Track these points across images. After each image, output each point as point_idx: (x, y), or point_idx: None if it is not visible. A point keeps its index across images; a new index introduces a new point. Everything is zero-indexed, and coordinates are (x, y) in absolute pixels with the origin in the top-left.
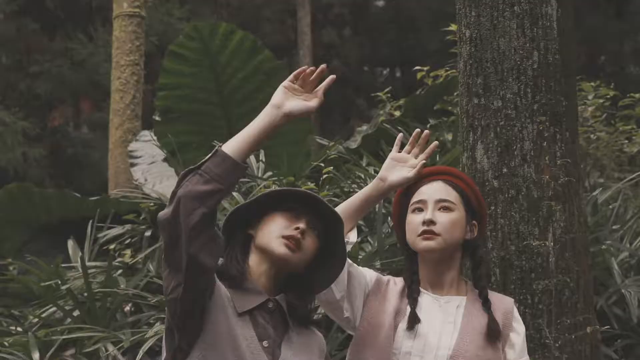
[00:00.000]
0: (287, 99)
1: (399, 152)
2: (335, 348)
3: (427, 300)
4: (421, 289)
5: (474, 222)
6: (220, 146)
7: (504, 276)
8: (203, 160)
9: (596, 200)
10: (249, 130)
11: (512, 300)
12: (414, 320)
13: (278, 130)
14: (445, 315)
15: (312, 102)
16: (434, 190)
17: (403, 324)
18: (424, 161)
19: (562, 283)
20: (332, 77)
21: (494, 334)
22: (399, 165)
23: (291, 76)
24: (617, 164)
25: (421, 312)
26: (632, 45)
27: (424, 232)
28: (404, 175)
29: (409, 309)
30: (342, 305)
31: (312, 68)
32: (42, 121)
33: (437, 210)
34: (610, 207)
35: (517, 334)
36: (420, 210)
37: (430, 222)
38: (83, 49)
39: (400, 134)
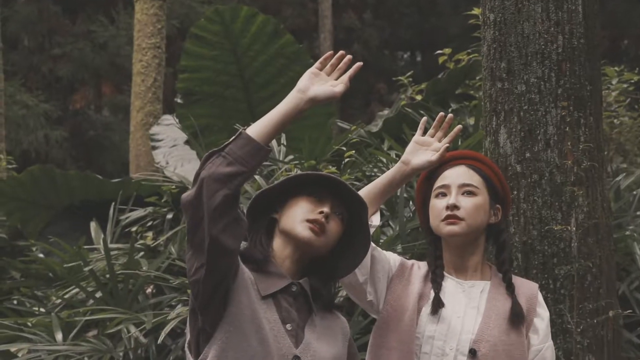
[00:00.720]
0: (312, 84)
1: (423, 135)
2: (357, 332)
3: (451, 285)
4: (445, 274)
5: (497, 206)
6: (245, 129)
7: (526, 261)
8: (227, 142)
9: (619, 186)
10: (273, 114)
11: (537, 285)
12: (437, 305)
13: (302, 115)
14: (469, 300)
15: (338, 88)
16: (457, 175)
17: (427, 308)
18: (447, 145)
19: (584, 268)
20: (358, 64)
21: (518, 319)
22: (422, 149)
23: (318, 62)
24: None
25: (445, 297)
26: None
27: (448, 216)
28: (427, 159)
29: (432, 293)
30: (365, 288)
31: (341, 52)
32: (64, 104)
33: (460, 194)
34: (634, 192)
35: (541, 319)
36: (444, 194)
37: (454, 207)
38: (105, 32)
39: (425, 117)
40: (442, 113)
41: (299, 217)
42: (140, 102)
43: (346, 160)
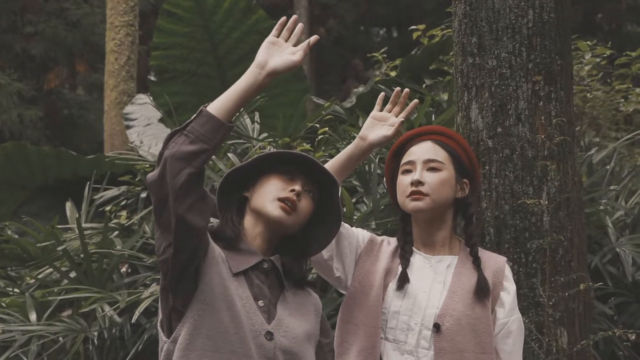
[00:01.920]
0: (271, 56)
1: (381, 110)
2: (332, 309)
3: (418, 260)
4: (414, 249)
5: (464, 180)
6: (206, 106)
7: (498, 235)
8: (188, 120)
9: (591, 160)
10: (233, 90)
11: (505, 259)
12: (403, 280)
13: (263, 89)
14: (436, 275)
15: (296, 56)
16: (422, 151)
17: (393, 284)
18: (402, 119)
19: (555, 242)
20: (315, 37)
21: (483, 292)
22: (379, 124)
23: (274, 30)
24: (613, 123)
25: (412, 272)
26: (629, 3)
27: (412, 192)
28: (383, 134)
29: (400, 268)
30: (332, 264)
31: (295, 17)
32: (38, 83)
33: (425, 170)
34: (608, 167)
35: (508, 292)
36: (409, 171)
37: (418, 183)
38: (78, 10)
39: (382, 93)
40: (398, 88)
41: (270, 195)
42: (114, 80)
43: (320, 137)
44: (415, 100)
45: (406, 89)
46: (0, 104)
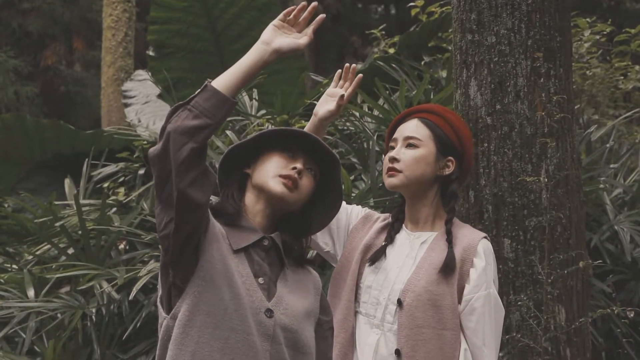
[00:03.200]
0: (276, 37)
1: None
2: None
3: (402, 237)
4: (403, 226)
5: (449, 158)
6: (210, 81)
7: (496, 213)
8: (192, 95)
9: (590, 138)
10: (238, 66)
11: (482, 235)
12: (376, 256)
13: (267, 66)
14: (410, 251)
15: (302, 40)
16: (406, 129)
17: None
18: (343, 93)
19: (554, 219)
20: (321, 16)
21: (447, 269)
22: (330, 100)
23: (281, 15)
24: (612, 101)
25: (394, 248)
26: None
27: (389, 169)
28: (327, 109)
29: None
30: (319, 240)
31: (303, 4)
32: (34, 59)
33: (404, 147)
34: (607, 145)
35: (475, 269)
36: (393, 148)
37: (394, 160)
38: None
39: (339, 70)
40: (347, 64)
41: (271, 172)
42: (111, 57)
43: None
44: (360, 75)
45: (353, 65)
46: None
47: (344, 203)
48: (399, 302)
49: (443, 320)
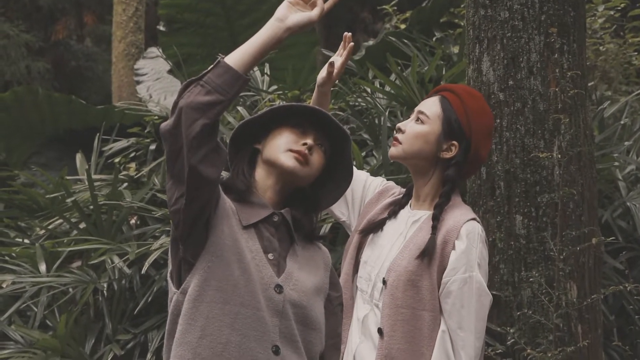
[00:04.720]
0: (290, 12)
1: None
2: (340, 263)
3: (404, 213)
4: (410, 203)
5: (453, 142)
6: (223, 57)
7: (508, 189)
8: (205, 71)
9: (603, 115)
10: (251, 42)
11: (469, 218)
12: (370, 228)
13: (281, 43)
14: (404, 229)
15: (314, 12)
16: (424, 102)
17: (373, 234)
18: (332, 61)
19: (566, 196)
20: None
21: (424, 255)
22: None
23: None
24: (625, 77)
25: (394, 224)
26: None
27: (393, 138)
28: (322, 76)
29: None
30: (335, 210)
31: None
32: (45, 34)
33: (413, 121)
34: (620, 122)
35: (455, 251)
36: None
37: (398, 130)
38: None
39: (331, 61)
40: (346, 33)
41: (282, 147)
42: (122, 32)
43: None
44: (352, 44)
45: (349, 34)
46: (9, 55)
47: (364, 174)
48: (384, 281)
49: (422, 301)
